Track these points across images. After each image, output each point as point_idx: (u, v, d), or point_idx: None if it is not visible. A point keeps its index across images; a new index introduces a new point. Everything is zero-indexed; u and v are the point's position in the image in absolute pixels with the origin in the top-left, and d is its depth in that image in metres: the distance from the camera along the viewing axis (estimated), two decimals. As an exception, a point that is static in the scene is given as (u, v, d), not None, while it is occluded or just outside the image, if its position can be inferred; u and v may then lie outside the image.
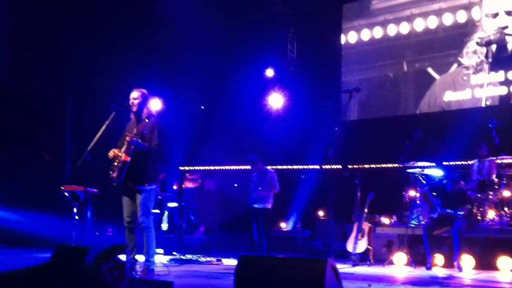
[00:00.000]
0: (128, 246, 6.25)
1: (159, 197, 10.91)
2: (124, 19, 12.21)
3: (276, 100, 13.26)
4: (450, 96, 11.33)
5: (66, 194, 7.99)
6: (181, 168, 12.35)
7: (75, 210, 7.81)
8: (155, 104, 11.54)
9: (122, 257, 5.83)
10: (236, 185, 12.44)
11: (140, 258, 6.30)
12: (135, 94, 6.34)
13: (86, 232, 9.62)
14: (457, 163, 10.35)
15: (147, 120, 6.22)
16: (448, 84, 11.39)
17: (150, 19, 12.52)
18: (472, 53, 11.12)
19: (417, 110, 11.79)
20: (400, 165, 9.93)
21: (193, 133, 12.47)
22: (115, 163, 6.16)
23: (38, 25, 11.37)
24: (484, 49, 10.97)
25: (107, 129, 6.55)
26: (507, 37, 10.70)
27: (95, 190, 8.18)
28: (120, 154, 6.11)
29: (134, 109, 6.32)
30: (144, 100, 6.36)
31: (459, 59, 11.27)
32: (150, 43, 12.75)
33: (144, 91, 6.41)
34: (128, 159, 6.06)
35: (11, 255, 9.37)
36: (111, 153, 6.21)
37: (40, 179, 11.59)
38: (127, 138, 6.09)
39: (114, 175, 6.12)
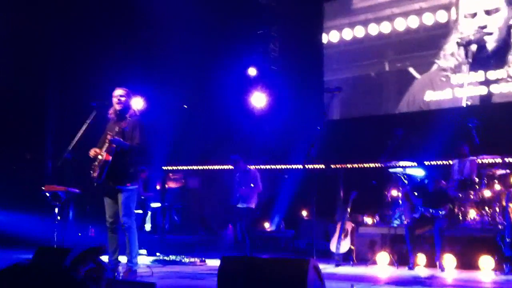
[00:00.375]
0: (111, 247, 6.20)
1: (142, 197, 10.85)
2: (105, 16, 12.10)
3: (258, 99, 13.24)
4: (431, 96, 11.41)
5: (47, 194, 7.91)
6: (164, 167, 12.29)
7: (56, 210, 7.73)
8: (137, 103, 11.46)
9: (104, 258, 5.81)
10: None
11: (123, 259, 6.25)
12: (121, 92, 6.25)
13: (68, 233, 9.51)
14: (438, 162, 10.44)
15: (129, 118, 6.16)
16: (429, 83, 11.47)
17: (132, 16, 12.42)
18: (451, 53, 11.22)
19: (399, 109, 11.87)
20: (382, 165, 9.99)
21: (176, 133, 12.41)
22: (96, 163, 6.10)
23: (18, 21, 11.24)
24: (464, 49, 11.07)
25: (88, 128, 6.49)
26: (486, 37, 10.81)
27: (77, 190, 8.11)
28: (101, 154, 6.05)
29: (119, 107, 6.22)
30: (129, 99, 6.30)
31: (439, 59, 11.36)
32: (132, 40, 12.66)
33: (128, 90, 6.34)
34: (110, 158, 5.99)
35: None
36: (92, 152, 6.14)
37: (21, 178, 11.47)
38: (109, 137, 6.02)
39: (95, 174, 6.06)
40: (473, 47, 10.97)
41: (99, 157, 6.05)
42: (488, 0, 10.85)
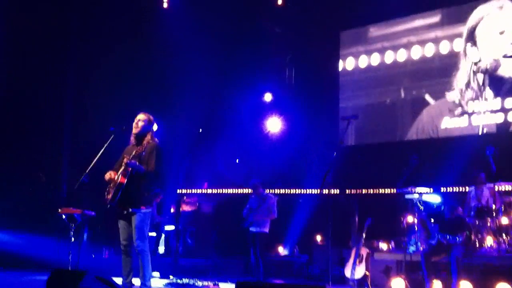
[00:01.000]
0: (124, 270, 6.20)
1: (156, 220, 10.88)
2: (122, 42, 12.31)
3: (274, 125, 13.31)
4: (447, 123, 11.38)
5: (64, 216, 7.96)
6: (178, 191, 12.32)
7: (72, 232, 7.77)
8: (154, 127, 11.55)
9: (118, 280, 5.82)
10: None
11: (136, 281, 6.25)
12: (141, 116, 6.31)
13: (83, 255, 9.55)
14: (454, 189, 10.36)
15: (146, 143, 6.21)
16: (445, 111, 11.45)
17: (149, 42, 12.63)
18: (469, 81, 11.22)
19: (414, 136, 11.84)
20: (398, 191, 9.94)
21: (191, 156, 12.48)
22: (111, 185, 6.14)
23: (35, 46, 11.47)
24: (481, 76, 11.07)
25: (106, 152, 6.56)
26: (502, 64, 10.81)
27: (93, 212, 8.16)
28: (116, 176, 6.09)
29: (136, 130, 6.27)
30: (148, 125, 6.33)
31: (456, 86, 11.36)
32: (149, 66, 12.83)
33: (151, 117, 6.39)
34: (124, 181, 6.02)
35: (6, 278, 9.27)
36: (107, 176, 6.18)
37: (36, 200, 11.55)
38: (125, 160, 6.06)
39: (109, 196, 6.09)
40: (490, 75, 10.96)
41: (115, 179, 6.09)
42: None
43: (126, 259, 6.21)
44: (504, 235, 8.46)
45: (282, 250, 11.78)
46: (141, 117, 6.31)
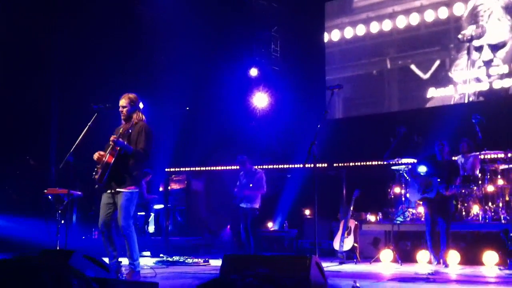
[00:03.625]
0: (107, 250, 6.15)
1: (145, 198, 10.87)
2: (107, 20, 12.12)
3: (261, 100, 13.26)
4: (433, 93, 11.39)
5: (50, 197, 7.92)
6: (166, 169, 12.30)
7: (59, 213, 7.74)
8: (140, 104, 11.48)
9: (107, 260, 5.81)
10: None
11: (125, 261, 6.23)
12: (122, 102, 6.22)
13: (72, 236, 9.53)
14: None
15: (135, 122, 6.16)
16: (431, 80, 11.46)
17: (133, 19, 12.45)
18: (454, 50, 11.21)
19: (401, 107, 11.85)
20: (385, 162, 9.98)
21: (178, 134, 12.42)
22: (99, 165, 6.09)
23: (22, 24, 11.27)
24: (466, 45, 11.05)
25: (91, 131, 6.50)
26: (487, 32, 10.79)
27: (79, 192, 8.12)
28: (104, 156, 6.04)
29: (123, 117, 6.25)
30: (132, 107, 6.25)
31: (442, 56, 11.35)
32: (134, 43, 12.68)
33: (132, 96, 6.27)
34: (112, 160, 5.95)
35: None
36: (96, 155, 6.11)
37: (24, 183, 11.49)
38: (112, 138, 6.00)
39: (97, 176, 6.04)
40: (475, 43, 10.95)
41: (103, 159, 6.03)
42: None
43: (107, 241, 6.10)
44: (490, 203, 8.53)
45: (272, 225, 11.84)
46: (122, 103, 6.22)
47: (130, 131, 6.09)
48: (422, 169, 8.59)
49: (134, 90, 6.52)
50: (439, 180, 7.57)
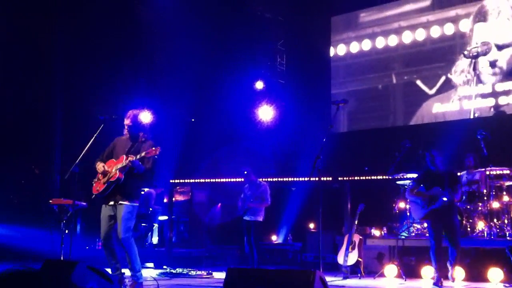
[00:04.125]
0: (110, 262, 6.16)
1: (150, 209, 10.86)
2: (111, 30, 12.19)
3: (266, 113, 13.28)
4: (439, 108, 11.40)
5: (55, 207, 7.94)
6: (171, 181, 12.30)
7: (63, 223, 7.75)
8: (145, 117, 11.51)
9: (109, 270, 5.80)
10: None
11: (127, 272, 6.23)
12: (126, 121, 6.27)
13: (75, 246, 9.54)
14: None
15: (143, 140, 6.20)
16: (437, 96, 11.47)
17: (139, 30, 12.51)
18: (460, 66, 11.22)
19: (406, 121, 11.86)
20: (390, 177, 9.95)
21: (183, 146, 12.44)
22: (101, 177, 6.11)
23: (24, 35, 11.34)
24: (471, 61, 11.07)
25: (96, 141, 6.53)
26: (493, 48, 10.81)
27: (84, 203, 8.14)
28: (111, 171, 6.05)
29: (128, 135, 6.28)
30: (135, 123, 6.29)
31: (447, 72, 11.36)
32: (139, 54, 12.75)
33: (134, 112, 6.31)
34: (122, 177, 5.99)
35: (-1, 270, 9.24)
36: (100, 168, 6.15)
37: (29, 192, 11.51)
38: (130, 158, 5.96)
39: (99, 188, 6.06)
40: (480, 59, 10.96)
41: (110, 172, 6.04)
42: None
43: (109, 253, 6.12)
44: (495, 219, 8.50)
45: (275, 238, 11.81)
46: (126, 121, 6.27)
47: (140, 151, 6.07)
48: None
49: (138, 100, 6.56)
50: (441, 189, 7.27)
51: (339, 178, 11.05)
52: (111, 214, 6.10)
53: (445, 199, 7.19)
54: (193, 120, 13.39)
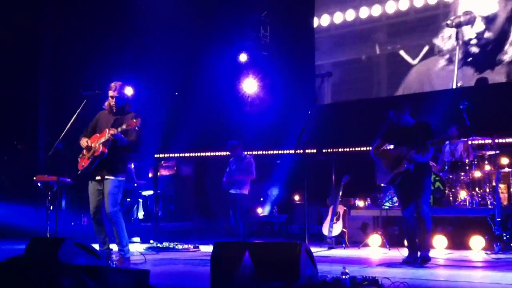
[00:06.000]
0: (99, 238, 6.20)
1: (135, 184, 10.86)
2: (96, 5, 12.03)
3: (250, 85, 13.24)
4: (422, 78, 11.43)
5: (39, 184, 7.91)
6: (156, 155, 12.29)
7: (48, 200, 7.74)
8: (128, 91, 11.42)
9: (97, 247, 5.83)
10: None
11: (114, 247, 6.27)
12: (113, 93, 6.21)
13: (61, 222, 9.54)
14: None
15: (128, 114, 6.17)
16: (420, 66, 11.49)
17: (122, 4, 12.35)
18: (443, 35, 11.23)
19: (390, 92, 11.89)
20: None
21: (168, 120, 12.40)
22: (85, 152, 6.11)
23: (9, 10, 11.15)
24: (454, 31, 11.08)
25: (81, 117, 6.50)
26: (477, 18, 10.81)
27: (69, 179, 8.12)
28: (94, 145, 6.03)
29: (115, 108, 6.22)
30: (121, 94, 6.25)
31: (431, 41, 11.37)
32: (122, 28, 12.60)
33: (118, 84, 6.27)
34: (106, 151, 5.98)
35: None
36: (83, 143, 6.14)
37: (13, 169, 11.45)
38: (112, 132, 5.94)
39: (84, 164, 6.07)
40: (464, 29, 10.97)
41: (94, 147, 6.03)
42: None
43: (98, 228, 6.19)
44: (477, 188, 8.63)
45: (261, 211, 11.89)
46: (111, 93, 6.22)
47: (124, 123, 6.04)
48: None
49: (122, 74, 6.53)
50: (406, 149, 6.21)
51: (324, 150, 11.12)
52: (98, 189, 6.13)
53: (410, 167, 6.19)
54: (177, 93, 13.31)
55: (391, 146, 6.75)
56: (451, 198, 8.69)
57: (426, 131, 6.30)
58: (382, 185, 8.21)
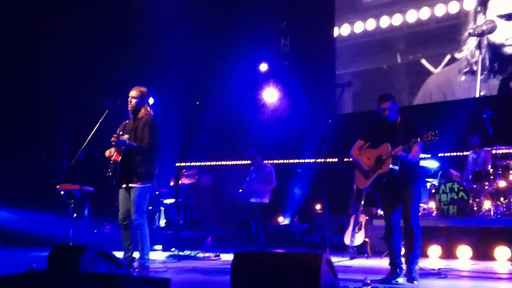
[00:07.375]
0: (124, 244, 6.28)
1: (157, 192, 10.90)
2: (114, 15, 12.16)
3: (270, 95, 13.25)
4: (444, 87, 11.33)
5: (62, 192, 8.00)
6: (177, 164, 12.35)
7: (71, 208, 7.82)
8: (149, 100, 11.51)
9: (119, 254, 5.87)
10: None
11: (136, 255, 6.30)
12: (133, 93, 6.33)
13: (84, 230, 9.63)
14: (452, 154, 10.37)
15: (140, 117, 6.24)
16: (442, 75, 11.40)
17: (141, 13, 12.45)
18: (465, 44, 11.13)
19: (411, 101, 11.80)
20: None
21: (188, 129, 12.46)
22: (111, 162, 6.22)
23: (29, 23, 11.35)
24: (476, 40, 10.97)
25: (102, 127, 6.58)
26: (499, 26, 10.70)
27: (91, 188, 8.19)
28: (113, 154, 6.18)
29: (130, 108, 6.32)
30: (141, 100, 6.33)
31: (452, 50, 11.27)
32: (142, 39, 12.70)
33: (143, 89, 6.36)
34: (119, 158, 6.13)
35: (9, 255, 9.37)
36: (107, 153, 6.31)
37: (36, 177, 11.60)
38: (113, 139, 6.08)
39: (110, 174, 6.19)
40: (486, 37, 10.86)
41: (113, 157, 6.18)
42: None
43: (125, 234, 6.30)
44: (502, 198, 8.49)
45: (282, 220, 11.86)
46: (133, 93, 6.33)
47: (138, 127, 6.16)
48: (434, 164, 8.51)
49: (142, 85, 6.58)
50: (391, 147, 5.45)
51: (345, 160, 11.06)
52: (126, 196, 6.26)
53: (395, 167, 5.41)
54: (198, 103, 13.38)
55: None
56: (475, 208, 8.56)
57: (411, 128, 5.58)
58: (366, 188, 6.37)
